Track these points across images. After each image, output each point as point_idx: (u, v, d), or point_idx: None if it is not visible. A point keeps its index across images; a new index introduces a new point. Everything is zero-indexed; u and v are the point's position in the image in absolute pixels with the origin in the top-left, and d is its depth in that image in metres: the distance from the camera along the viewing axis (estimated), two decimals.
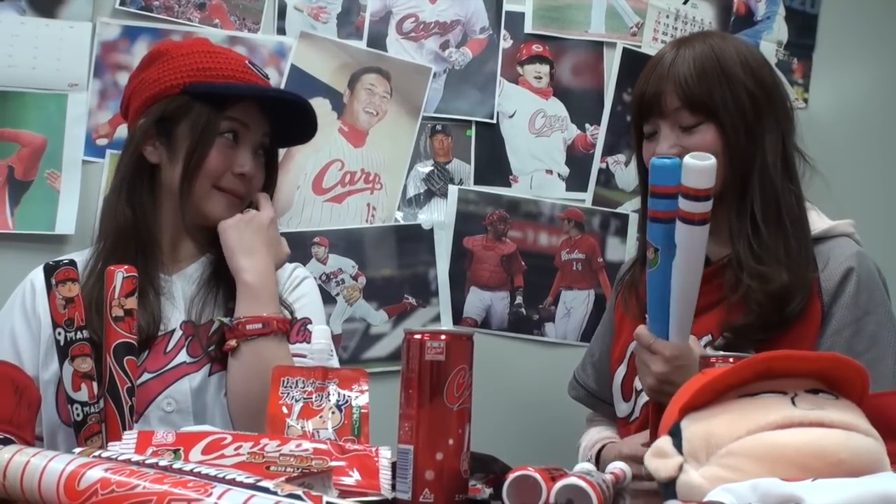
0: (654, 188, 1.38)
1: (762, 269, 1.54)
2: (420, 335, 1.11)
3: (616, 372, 1.77)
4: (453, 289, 2.36)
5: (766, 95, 1.62)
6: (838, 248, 1.61)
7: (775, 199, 1.58)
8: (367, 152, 2.37)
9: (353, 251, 2.33)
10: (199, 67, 1.66)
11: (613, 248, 2.43)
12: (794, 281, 1.54)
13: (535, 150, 2.44)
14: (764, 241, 1.56)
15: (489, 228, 2.40)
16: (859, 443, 0.94)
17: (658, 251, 1.40)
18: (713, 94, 1.59)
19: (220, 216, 1.66)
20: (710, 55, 1.61)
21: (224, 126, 1.65)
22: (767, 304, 1.54)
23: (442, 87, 2.41)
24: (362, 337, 2.30)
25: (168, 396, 1.57)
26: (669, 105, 1.61)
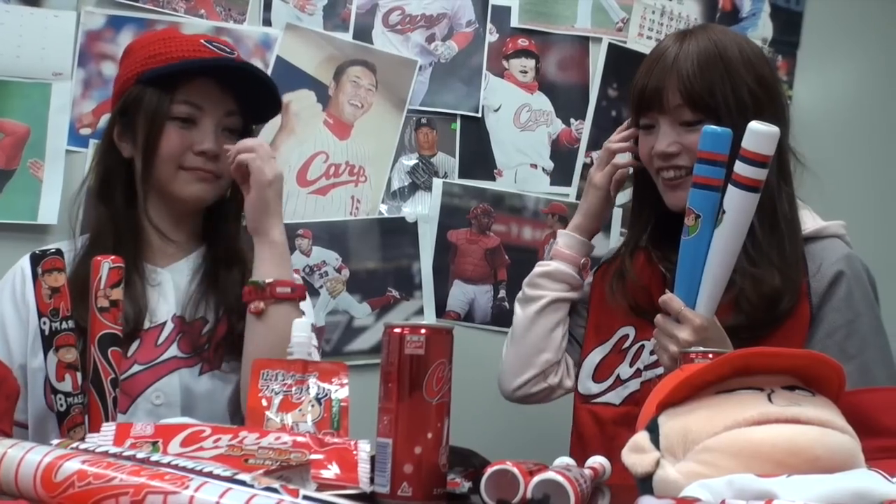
0: (703, 154, 1.40)
1: (755, 272, 1.54)
2: (400, 329, 1.11)
3: (593, 350, 1.76)
4: (437, 282, 2.36)
5: (766, 93, 1.61)
6: (829, 249, 1.61)
7: (771, 201, 1.58)
8: (351, 145, 2.37)
9: (336, 243, 2.33)
10: (151, 55, 1.66)
11: (597, 243, 2.37)
12: (786, 284, 1.55)
13: (520, 145, 2.45)
14: (758, 243, 1.56)
15: (473, 222, 2.40)
16: (835, 440, 0.95)
17: (699, 218, 1.41)
18: (715, 91, 1.58)
19: (192, 194, 1.67)
20: (713, 51, 1.60)
21: (176, 108, 1.65)
22: (758, 305, 1.54)
23: (427, 80, 2.41)
24: (345, 329, 2.30)
25: (157, 390, 1.57)
26: (671, 101, 1.61)
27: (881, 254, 2.35)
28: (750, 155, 1.36)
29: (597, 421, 1.72)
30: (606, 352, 1.74)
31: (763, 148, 1.36)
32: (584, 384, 1.75)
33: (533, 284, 1.82)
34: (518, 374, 1.81)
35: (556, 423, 1.92)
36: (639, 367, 1.68)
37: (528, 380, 1.80)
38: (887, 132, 2.68)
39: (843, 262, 1.58)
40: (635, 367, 1.69)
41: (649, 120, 1.65)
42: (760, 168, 1.36)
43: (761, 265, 1.55)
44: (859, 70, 2.71)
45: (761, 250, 1.56)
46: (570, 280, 1.81)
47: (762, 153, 1.36)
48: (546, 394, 1.81)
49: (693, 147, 1.51)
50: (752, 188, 1.37)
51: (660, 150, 1.62)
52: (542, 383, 1.79)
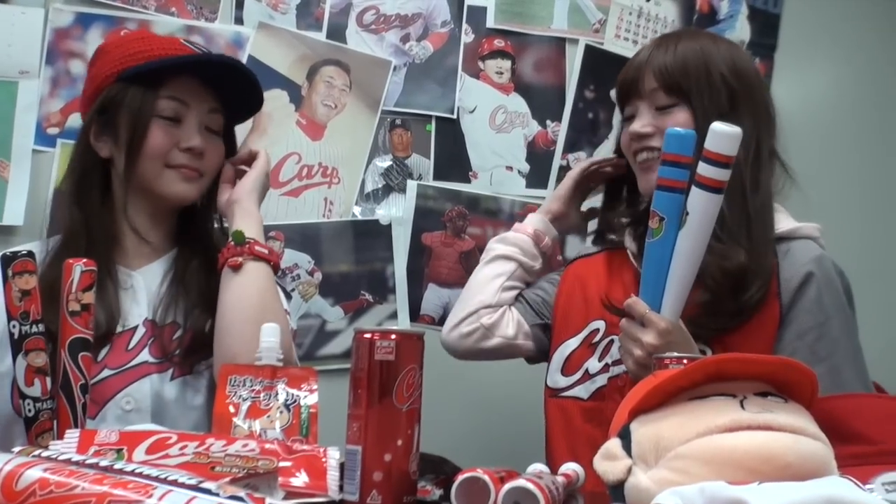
0: (667, 156, 1.43)
1: (721, 248, 1.56)
2: (370, 334, 1.11)
3: (564, 343, 1.77)
4: (411, 285, 2.36)
5: (745, 91, 1.64)
6: (801, 250, 1.63)
7: (741, 189, 1.60)
8: (324, 146, 2.36)
9: (309, 246, 2.32)
10: (130, 53, 1.65)
11: (573, 246, 2.42)
12: (753, 266, 1.56)
13: (496, 146, 2.45)
14: (726, 224, 1.58)
15: (448, 225, 2.40)
16: (807, 447, 0.95)
17: (664, 220, 1.42)
18: (690, 78, 1.63)
19: (177, 192, 1.67)
20: (695, 47, 1.66)
21: (161, 105, 1.64)
22: (723, 283, 1.55)
23: (402, 80, 2.41)
24: (318, 333, 2.30)
25: (127, 395, 1.56)
26: (647, 86, 1.66)
27: (862, 259, 2.38)
28: (712, 156, 1.39)
29: (564, 415, 1.73)
30: (577, 345, 1.75)
31: (725, 148, 1.38)
32: (553, 377, 1.76)
33: (486, 249, 1.90)
34: (453, 316, 1.86)
35: (530, 428, 1.92)
36: (607, 362, 1.69)
37: (461, 319, 1.83)
38: (868, 136, 2.70)
39: (814, 263, 1.60)
40: (604, 362, 1.70)
41: (631, 109, 1.70)
42: (723, 169, 1.39)
43: (726, 242, 1.56)
44: (838, 73, 2.73)
45: (730, 232, 1.58)
46: (522, 244, 1.86)
47: (724, 154, 1.38)
48: (481, 336, 1.81)
49: (665, 128, 1.54)
50: (715, 189, 1.40)
51: (634, 130, 1.66)
52: (475, 323, 1.81)
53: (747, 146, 1.62)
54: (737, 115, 1.61)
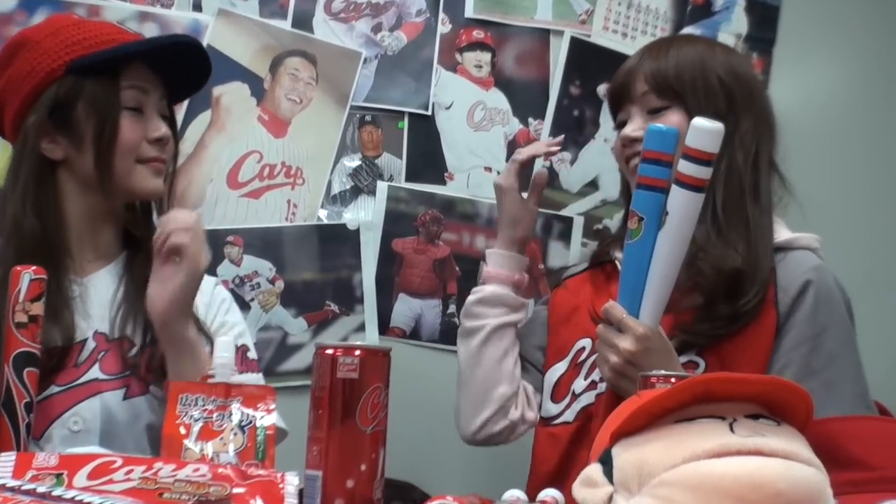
0: (648, 153, 1.45)
1: (715, 252, 1.59)
2: (332, 350, 1.11)
3: (552, 368, 1.78)
4: (380, 295, 2.36)
5: (744, 94, 1.67)
6: (799, 259, 1.66)
7: (739, 195, 1.64)
8: (288, 143, 2.36)
9: (270, 252, 2.32)
10: (73, 42, 1.63)
11: (556, 254, 2.44)
12: (749, 270, 1.59)
13: (474, 146, 2.45)
14: (723, 233, 1.61)
15: (421, 230, 2.40)
16: (800, 473, 0.96)
17: (643, 221, 1.45)
18: (683, 79, 1.65)
19: (151, 188, 1.68)
20: (689, 51, 1.70)
21: (126, 95, 1.64)
22: (718, 285, 1.58)
23: (373, 74, 2.41)
24: (279, 347, 2.30)
25: (76, 414, 1.55)
26: (637, 90, 1.69)
27: (866, 274, 2.40)
28: (693, 153, 1.42)
29: (553, 441, 1.74)
30: (565, 368, 1.76)
31: (707, 145, 1.42)
32: (545, 406, 1.77)
33: (470, 315, 1.83)
34: (475, 414, 1.80)
35: (507, 452, 1.93)
36: (594, 379, 1.70)
37: (487, 419, 1.79)
38: (874, 138, 2.71)
39: (813, 272, 1.63)
40: (590, 380, 1.71)
41: (623, 114, 1.73)
42: (704, 166, 1.42)
43: (722, 248, 1.59)
44: (843, 69, 2.74)
45: (726, 238, 1.60)
46: (509, 301, 1.83)
47: (706, 150, 1.42)
48: (509, 431, 1.81)
49: None
50: (696, 188, 1.43)
51: (625, 135, 1.69)
52: (504, 420, 1.79)
53: (746, 151, 1.65)
54: (735, 118, 1.63)
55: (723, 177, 1.64)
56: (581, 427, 1.69)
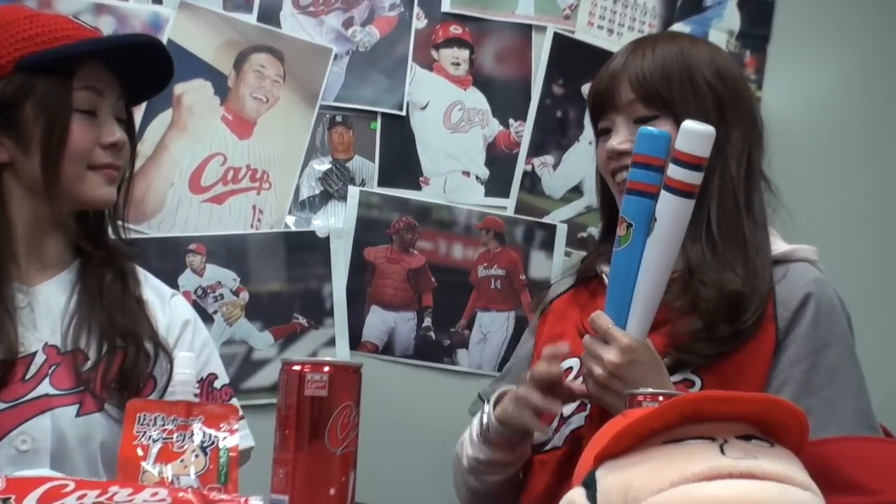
0: (638, 157, 1.48)
1: (714, 275, 1.60)
2: (299, 366, 1.11)
3: None
4: (351, 308, 2.36)
5: (733, 100, 1.68)
6: (798, 272, 1.67)
7: (735, 210, 1.64)
8: (253, 145, 2.36)
9: (234, 261, 2.32)
10: (24, 37, 1.62)
11: (538, 264, 2.45)
12: (749, 290, 1.60)
13: (451, 148, 2.46)
14: (719, 251, 1.62)
15: (394, 238, 2.41)
16: (794, 497, 0.97)
17: (632, 227, 1.46)
18: (672, 86, 1.65)
19: (102, 197, 1.66)
20: (675, 51, 1.69)
21: (79, 97, 1.62)
22: (718, 309, 1.59)
23: (343, 71, 2.41)
24: (243, 363, 2.29)
25: (24, 433, 1.54)
26: (623, 97, 1.68)
27: (866, 288, 2.41)
28: (683, 157, 1.43)
29: (544, 469, 1.74)
30: None
31: (698, 149, 1.43)
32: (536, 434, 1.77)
33: (476, 472, 1.78)
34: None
35: None
36: (583, 401, 1.70)
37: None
38: (872, 139, 2.72)
39: (814, 285, 1.64)
40: (578, 401, 1.71)
41: (606, 122, 1.72)
42: (695, 171, 1.44)
43: (721, 271, 1.60)
44: (840, 67, 2.75)
45: (721, 258, 1.62)
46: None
47: (697, 154, 1.44)
48: None
49: None
50: (686, 193, 1.45)
51: (611, 147, 1.68)
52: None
53: (739, 161, 1.66)
54: (725, 126, 1.64)
55: (716, 190, 1.64)
56: (571, 451, 1.68)
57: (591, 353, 1.52)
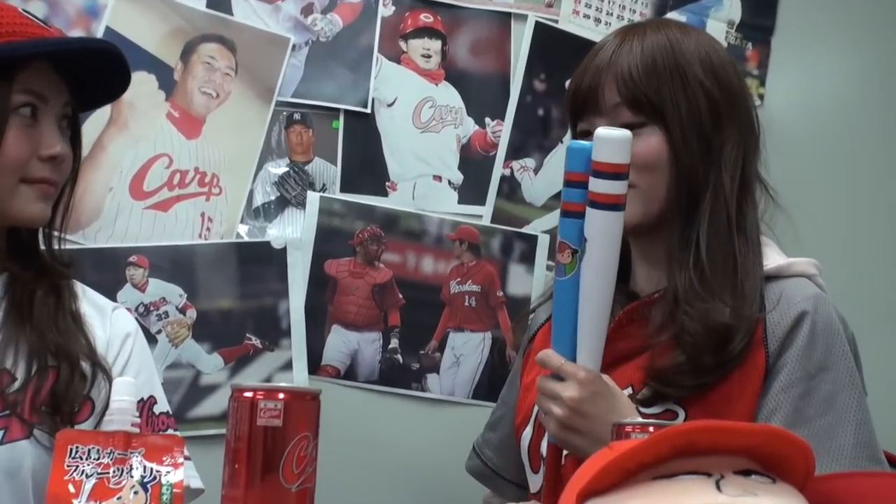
0: (569, 175, 1.48)
1: (700, 305, 1.59)
2: (251, 392, 1.11)
3: (522, 436, 1.79)
4: (310, 327, 2.36)
5: (728, 101, 1.67)
6: (793, 288, 1.66)
7: (727, 230, 1.63)
8: (202, 146, 2.36)
9: (180, 275, 2.31)
10: None
11: (517, 279, 2.46)
12: (738, 321, 1.59)
13: (421, 150, 2.47)
14: (707, 278, 1.61)
15: (358, 249, 2.41)
16: None
17: (575, 253, 1.46)
18: (662, 90, 1.64)
19: (32, 215, 1.64)
20: (664, 45, 1.67)
21: (18, 100, 1.61)
22: (703, 342, 1.58)
23: (302, 64, 2.42)
24: (189, 388, 2.29)
25: None
26: (608, 100, 1.66)
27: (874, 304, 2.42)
28: (602, 167, 1.44)
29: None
30: (531, 432, 1.76)
31: (615, 156, 1.44)
32: (530, 478, 1.78)
33: None
34: None
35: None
36: None
37: None
38: (886, 142, 2.73)
39: (809, 302, 1.63)
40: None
41: (586, 125, 1.70)
42: (615, 181, 1.45)
43: (708, 300, 1.60)
44: (852, 62, 2.77)
45: (709, 286, 1.60)
46: None
47: (615, 162, 1.44)
48: None
49: (636, 159, 1.55)
50: (611, 206, 1.45)
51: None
52: None
53: (733, 174, 1.65)
54: (720, 133, 1.64)
55: (708, 209, 1.64)
56: (550, 491, 1.69)
57: (549, 393, 1.53)
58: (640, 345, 1.63)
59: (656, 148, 1.62)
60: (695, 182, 1.64)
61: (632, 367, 1.62)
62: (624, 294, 1.68)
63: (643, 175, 1.60)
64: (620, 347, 1.61)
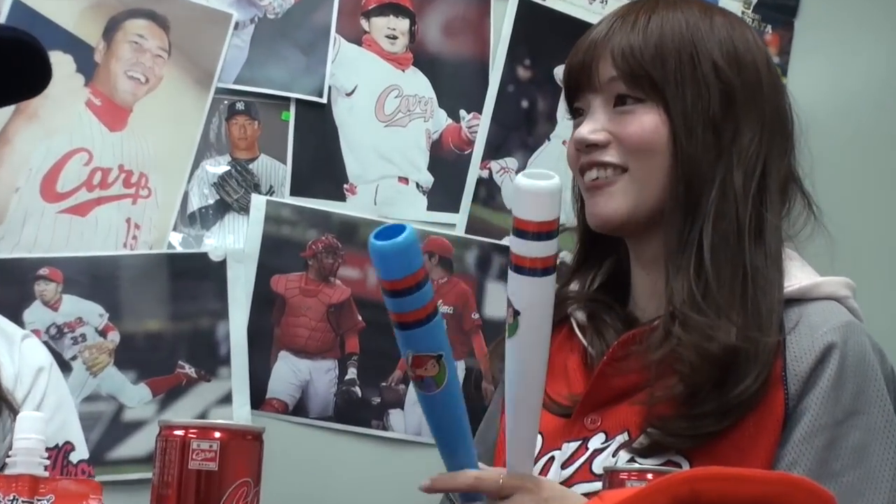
0: (385, 284, 1.38)
1: (701, 321, 1.57)
2: (182, 430, 1.11)
3: None
4: (253, 354, 2.37)
5: (748, 93, 1.66)
6: (819, 314, 1.64)
7: (736, 234, 1.62)
8: (128, 139, 2.37)
9: (101, 291, 2.32)
10: None
11: (496, 298, 2.47)
12: (746, 348, 1.57)
13: (384, 147, 2.48)
14: (711, 289, 1.59)
15: (311, 263, 2.42)
16: None
17: (438, 359, 1.42)
18: (665, 66, 1.64)
19: None
20: (677, 23, 1.67)
21: None
22: (703, 370, 1.56)
23: (247, 44, 2.43)
24: (110, 425, 2.29)
25: None
26: (602, 74, 1.66)
27: None
28: (521, 225, 1.37)
29: None
30: None
31: (537, 212, 1.36)
32: None
33: None
34: None
35: None
36: None
37: None
38: None
39: (838, 332, 1.61)
40: None
41: (581, 104, 1.71)
42: (539, 241, 1.37)
43: (710, 315, 1.58)
44: (880, 48, 2.79)
45: (713, 299, 1.58)
46: None
47: (537, 220, 1.36)
48: None
49: (627, 137, 1.56)
50: (542, 271, 1.39)
51: (579, 137, 1.66)
52: None
53: (747, 171, 1.64)
54: (733, 123, 1.64)
55: (713, 208, 1.62)
56: None
57: None
58: (638, 381, 1.60)
59: (654, 129, 1.61)
60: (697, 174, 1.62)
61: (627, 408, 1.61)
62: (620, 319, 1.69)
63: (635, 158, 1.61)
64: (614, 385, 1.60)
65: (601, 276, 1.76)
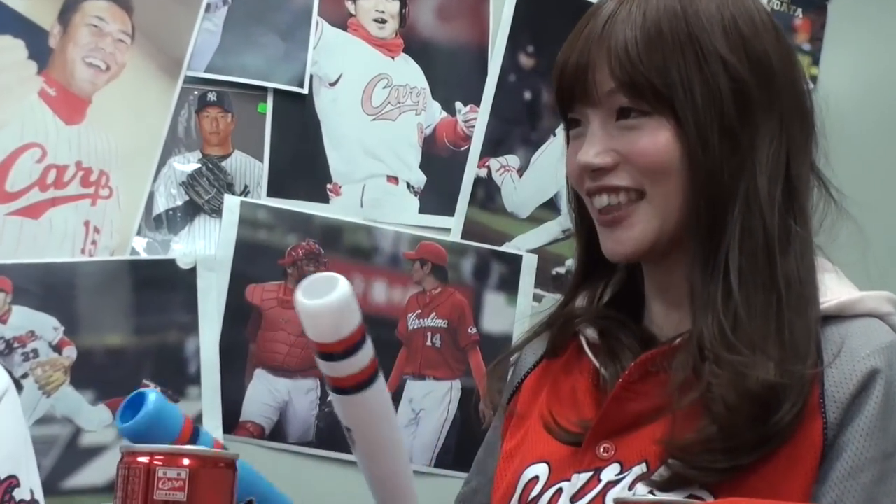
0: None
1: (734, 359, 1.57)
2: (147, 457, 1.13)
3: None
4: (226, 372, 2.38)
5: (762, 82, 1.63)
6: (860, 335, 1.62)
7: (766, 253, 1.60)
8: (87, 134, 2.38)
9: (55, 302, 2.32)
10: None
11: (495, 312, 2.49)
12: (786, 379, 1.58)
13: (372, 143, 2.49)
14: (742, 322, 1.57)
15: (290, 271, 2.43)
16: None
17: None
18: (668, 70, 1.59)
19: None
20: (673, 9, 1.62)
21: None
22: (740, 409, 1.56)
23: (220, 28, 2.44)
24: (66, 450, 2.29)
25: None
26: (600, 85, 1.61)
27: None
28: (322, 348, 1.39)
29: None
30: None
31: (323, 333, 1.39)
32: None
33: None
34: None
35: None
36: None
37: None
38: None
39: (883, 356, 1.60)
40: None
41: (576, 115, 1.69)
42: (348, 359, 1.41)
43: (745, 353, 1.57)
44: None
45: (746, 334, 1.57)
46: None
47: (325, 341, 1.40)
48: None
49: (638, 158, 1.56)
50: (346, 389, 1.44)
51: (584, 162, 1.63)
52: None
53: (772, 176, 1.63)
54: (750, 124, 1.63)
55: (738, 225, 1.58)
56: None
57: None
58: (658, 406, 1.59)
59: (663, 145, 1.58)
60: (718, 189, 1.59)
61: (646, 435, 1.61)
62: (636, 338, 1.68)
63: (651, 181, 1.58)
64: (631, 410, 1.59)
65: (611, 289, 1.75)
